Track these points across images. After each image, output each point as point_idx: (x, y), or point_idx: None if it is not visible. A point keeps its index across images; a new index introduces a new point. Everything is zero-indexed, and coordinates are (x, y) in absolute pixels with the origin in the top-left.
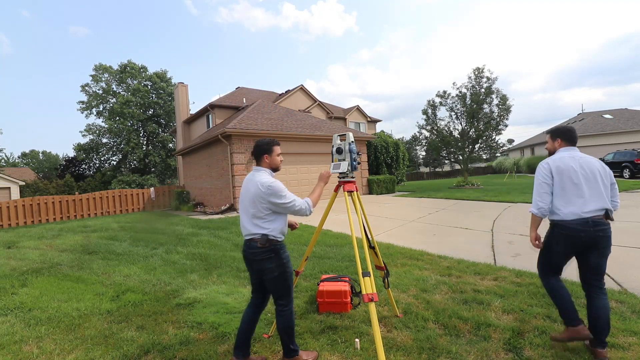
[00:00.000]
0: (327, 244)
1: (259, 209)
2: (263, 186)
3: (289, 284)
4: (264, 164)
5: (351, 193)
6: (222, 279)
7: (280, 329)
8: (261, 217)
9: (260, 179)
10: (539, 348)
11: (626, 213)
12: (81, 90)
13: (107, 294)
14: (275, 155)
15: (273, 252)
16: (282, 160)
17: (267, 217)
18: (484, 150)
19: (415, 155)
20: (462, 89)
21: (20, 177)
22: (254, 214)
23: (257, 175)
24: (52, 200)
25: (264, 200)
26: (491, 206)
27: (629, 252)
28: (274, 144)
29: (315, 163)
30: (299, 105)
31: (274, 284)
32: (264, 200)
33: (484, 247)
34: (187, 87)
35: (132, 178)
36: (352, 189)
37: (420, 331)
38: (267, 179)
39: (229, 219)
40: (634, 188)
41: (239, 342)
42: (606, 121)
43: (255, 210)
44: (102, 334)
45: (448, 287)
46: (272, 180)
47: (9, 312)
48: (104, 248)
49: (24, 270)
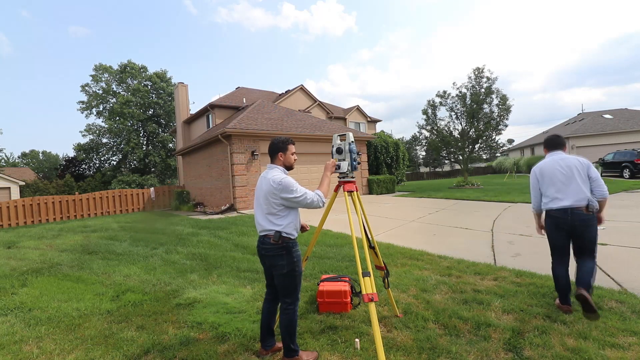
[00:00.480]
0: (327, 244)
1: (271, 205)
2: (274, 182)
3: (296, 282)
4: (277, 161)
5: (351, 193)
6: (222, 279)
7: (283, 326)
8: (274, 213)
9: (272, 176)
10: (539, 348)
11: (626, 213)
12: (81, 90)
13: (107, 294)
14: (290, 153)
15: (285, 249)
16: (296, 159)
17: (279, 214)
18: (484, 150)
19: (415, 155)
20: (462, 89)
21: (20, 177)
22: (267, 211)
23: (270, 172)
24: (52, 200)
25: (275, 197)
26: (491, 206)
27: (629, 252)
28: (289, 143)
29: (316, 163)
30: (299, 105)
31: (282, 281)
32: (276, 196)
33: (484, 247)
34: (187, 87)
35: (132, 178)
36: (352, 188)
37: (420, 331)
38: (279, 175)
39: (229, 219)
40: (634, 188)
41: (264, 334)
42: (606, 121)
43: (268, 207)
44: (102, 334)
45: (448, 287)
46: (283, 177)
47: (9, 312)
48: (104, 248)
49: (24, 270)
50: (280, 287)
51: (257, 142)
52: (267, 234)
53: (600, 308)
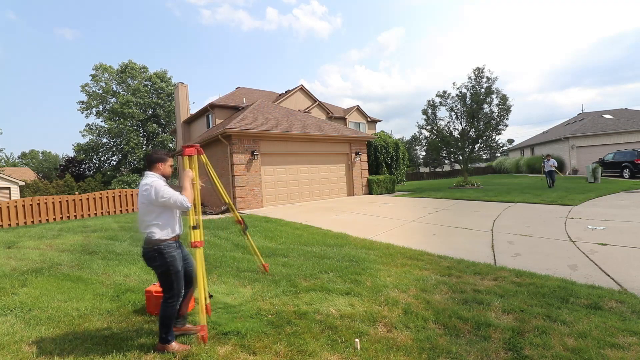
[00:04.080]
0: (327, 244)
1: (146, 210)
2: (147, 185)
3: (171, 280)
4: (156, 170)
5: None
6: (222, 278)
7: (159, 317)
8: (147, 218)
9: (143, 181)
10: (539, 348)
11: (626, 213)
12: (81, 90)
13: (107, 294)
14: (169, 165)
15: (157, 251)
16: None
17: (152, 218)
18: (484, 150)
19: (415, 155)
20: (462, 89)
21: (20, 177)
22: (142, 215)
23: (145, 179)
24: (52, 200)
25: (146, 200)
26: (491, 206)
27: (629, 252)
28: (170, 156)
29: (315, 163)
30: (299, 106)
31: (160, 279)
32: (147, 200)
33: (484, 247)
34: (187, 87)
35: (132, 178)
36: (191, 153)
37: (420, 331)
38: (150, 179)
39: (229, 219)
40: (634, 188)
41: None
42: (606, 121)
43: (143, 212)
44: (102, 334)
45: (448, 287)
46: (154, 179)
47: (9, 312)
48: (104, 248)
49: (24, 270)
50: (160, 283)
51: (257, 142)
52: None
53: (600, 308)
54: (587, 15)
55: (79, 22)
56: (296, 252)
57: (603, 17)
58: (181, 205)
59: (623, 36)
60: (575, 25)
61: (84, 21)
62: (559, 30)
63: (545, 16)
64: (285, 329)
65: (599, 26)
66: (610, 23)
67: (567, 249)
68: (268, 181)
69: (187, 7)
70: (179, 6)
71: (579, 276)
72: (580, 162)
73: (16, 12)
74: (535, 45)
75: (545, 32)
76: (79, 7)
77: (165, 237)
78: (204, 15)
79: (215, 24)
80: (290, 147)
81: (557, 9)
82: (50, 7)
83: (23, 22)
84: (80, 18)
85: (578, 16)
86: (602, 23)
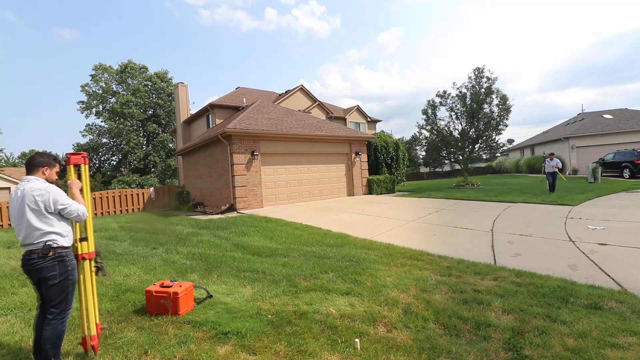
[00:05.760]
0: (327, 244)
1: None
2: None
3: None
4: (40, 175)
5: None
6: (222, 279)
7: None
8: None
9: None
10: (539, 348)
11: (626, 213)
12: (81, 90)
13: (107, 294)
14: (55, 171)
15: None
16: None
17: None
18: (484, 150)
19: (415, 155)
20: (462, 88)
21: (20, 177)
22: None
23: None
24: None
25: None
26: (491, 206)
27: (629, 252)
28: (58, 162)
29: (316, 163)
30: (299, 106)
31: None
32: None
33: (484, 247)
34: (187, 87)
35: (132, 178)
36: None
37: (420, 331)
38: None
39: (229, 219)
40: (634, 188)
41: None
42: (606, 121)
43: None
44: (102, 334)
45: (448, 287)
46: (47, 185)
47: (9, 312)
48: (104, 248)
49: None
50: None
51: (257, 142)
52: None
53: (600, 308)
54: (587, 15)
55: (79, 23)
56: (296, 252)
57: (603, 17)
58: (82, 216)
59: (623, 36)
60: (575, 25)
61: (83, 21)
62: (559, 30)
63: (545, 16)
64: (285, 329)
65: (599, 26)
66: (609, 23)
67: (567, 249)
68: (268, 181)
69: (186, 7)
70: (178, 6)
71: (579, 276)
72: (580, 162)
73: (15, 12)
74: (535, 45)
75: (545, 32)
76: (78, 7)
77: (68, 244)
78: (202, 15)
79: (214, 24)
80: (291, 147)
81: (557, 9)
82: (49, 7)
83: (22, 22)
84: (80, 18)
85: (578, 16)
86: (602, 23)
